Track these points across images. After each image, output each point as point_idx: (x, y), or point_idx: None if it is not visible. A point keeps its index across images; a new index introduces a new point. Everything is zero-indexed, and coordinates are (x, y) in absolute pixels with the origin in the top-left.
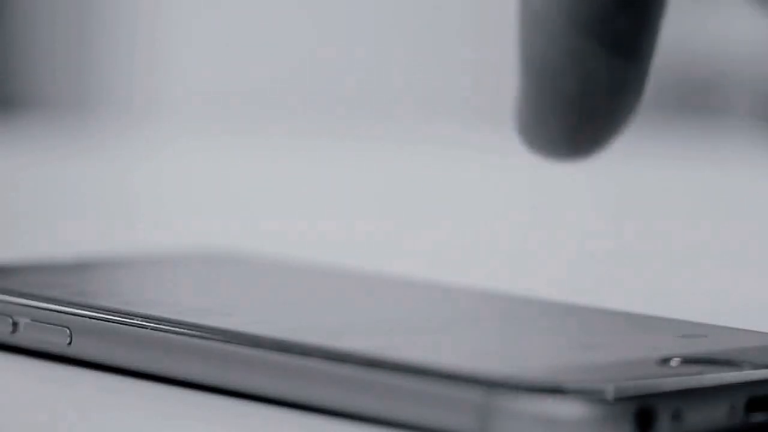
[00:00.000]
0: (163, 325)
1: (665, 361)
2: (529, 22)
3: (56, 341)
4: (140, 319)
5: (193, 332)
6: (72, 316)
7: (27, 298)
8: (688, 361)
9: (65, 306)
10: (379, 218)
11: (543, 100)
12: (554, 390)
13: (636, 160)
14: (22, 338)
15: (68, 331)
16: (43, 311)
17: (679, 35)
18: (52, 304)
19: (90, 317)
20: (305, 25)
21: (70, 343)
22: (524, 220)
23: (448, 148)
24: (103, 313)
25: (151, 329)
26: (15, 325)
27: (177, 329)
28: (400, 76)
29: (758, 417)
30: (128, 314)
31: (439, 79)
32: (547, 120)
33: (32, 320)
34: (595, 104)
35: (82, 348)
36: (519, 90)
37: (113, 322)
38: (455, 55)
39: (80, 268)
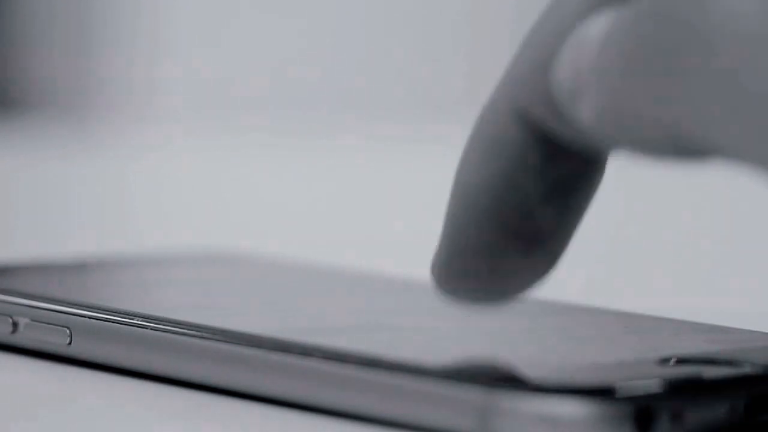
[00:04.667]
0: (163, 325)
1: (665, 361)
2: (457, 195)
3: (56, 341)
4: (140, 319)
5: (193, 332)
6: (72, 316)
7: (27, 298)
8: (688, 361)
9: (65, 306)
10: (380, 218)
11: (453, 265)
12: (554, 390)
13: (636, 160)
14: (22, 338)
15: (68, 331)
16: (43, 311)
17: None
18: (52, 304)
19: (90, 317)
20: (305, 26)
21: (70, 343)
22: None
23: (447, 148)
24: (103, 313)
25: (151, 329)
26: (15, 325)
27: (177, 329)
28: (401, 76)
29: (758, 417)
30: (128, 314)
31: (438, 79)
32: (454, 277)
33: (32, 320)
34: (501, 279)
35: (82, 348)
36: (438, 245)
37: (113, 322)
38: (455, 55)
39: (80, 268)
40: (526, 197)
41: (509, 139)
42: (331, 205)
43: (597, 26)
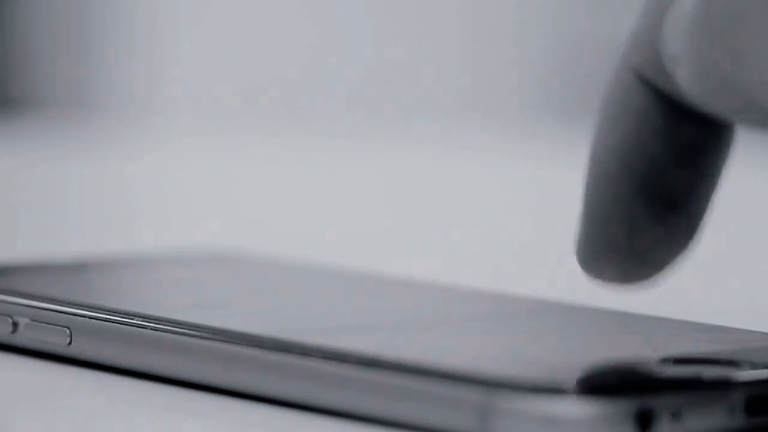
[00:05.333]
0: (163, 325)
1: (665, 361)
2: (592, 170)
3: (56, 341)
4: (140, 319)
5: (193, 332)
6: (72, 316)
7: (27, 298)
8: (688, 361)
9: (65, 306)
10: (380, 218)
11: (595, 242)
12: (554, 390)
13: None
14: (22, 338)
15: (68, 331)
16: (43, 311)
17: None
18: (52, 304)
19: (90, 317)
20: (305, 25)
21: (70, 343)
22: (524, 220)
23: (447, 148)
24: (103, 313)
25: (151, 329)
26: (15, 325)
27: (177, 329)
28: (401, 77)
29: (758, 417)
30: (128, 314)
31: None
32: (599, 261)
33: (32, 320)
34: (643, 252)
35: (82, 348)
36: (579, 224)
37: (113, 322)
38: (455, 55)
39: (80, 268)
40: (656, 160)
41: (634, 102)
42: (331, 205)
43: None
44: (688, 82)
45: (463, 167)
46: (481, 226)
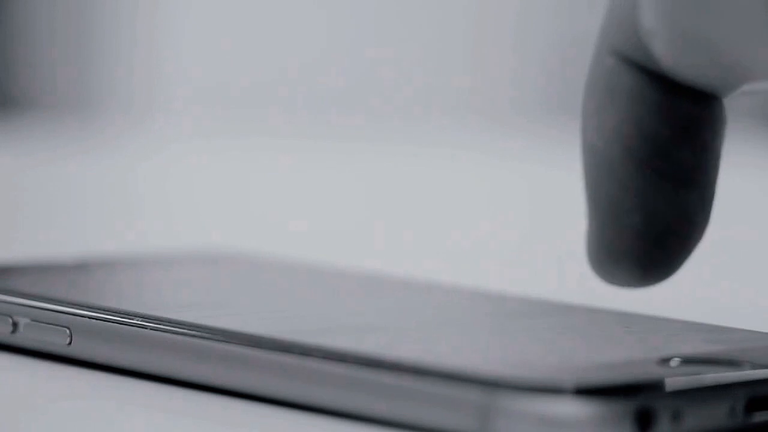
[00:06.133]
0: (163, 325)
1: (665, 361)
2: (590, 159)
3: (56, 341)
4: (140, 319)
5: (193, 332)
6: (72, 316)
7: (27, 298)
8: (688, 361)
9: (65, 306)
10: (380, 218)
11: (610, 237)
12: (554, 390)
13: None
14: (22, 338)
15: (68, 331)
16: (43, 311)
17: None
18: (52, 304)
19: (90, 317)
20: (306, 26)
21: (70, 343)
22: (524, 220)
23: (447, 148)
24: (103, 313)
25: (151, 329)
26: (15, 325)
27: (177, 329)
28: (400, 77)
29: (758, 417)
30: (128, 314)
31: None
32: (617, 255)
33: (32, 320)
34: (661, 236)
35: (82, 348)
36: (587, 226)
37: (113, 322)
38: (454, 55)
39: (80, 268)
40: (656, 137)
41: (623, 84)
42: (331, 205)
43: None
44: (664, 53)
45: (463, 167)
46: (481, 226)
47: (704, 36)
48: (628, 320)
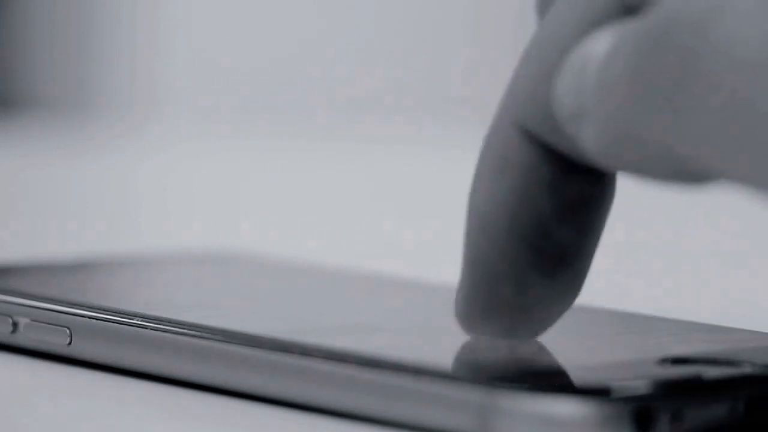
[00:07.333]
0: (163, 325)
1: (665, 361)
2: (475, 220)
3: (56, 341)
4: (140, 319)
5: (193, 332)
6: (72, 316)
7: (27, 298)
8: (688, 361)
9: (65, 306)
10: (379, 219)
11: (479, 298)
12: (554, 390)
13: (638, 181)
14: (22, 338)
15: (68, 331)
16: (43, 311)
17: None
18: (52, 304)
19: (90, 317)
20: (306, 27)
21: (70, 343)
22: None
23: (447, 148)
24: (103, 313)
25: (151, 329)
26: (15, 325)
27: (177, 329)
28: (400, 77)
29: (758, 417)
30: (128, 314)
31: (437, 79)
32: (483, 315)
33: (32, 320)
34: (529, 307)
35: (82, 348)
36: (460, 281)
37: (113, 322)
38: (453, 55)
39: (80, 268)
40: (542, 214)
41: (517, 156)
42: (331, 205)
43: (598, 45)
44: (593, 139)
45: (463, 167)
46: None
47: (652, 133)
48: (628, 320)
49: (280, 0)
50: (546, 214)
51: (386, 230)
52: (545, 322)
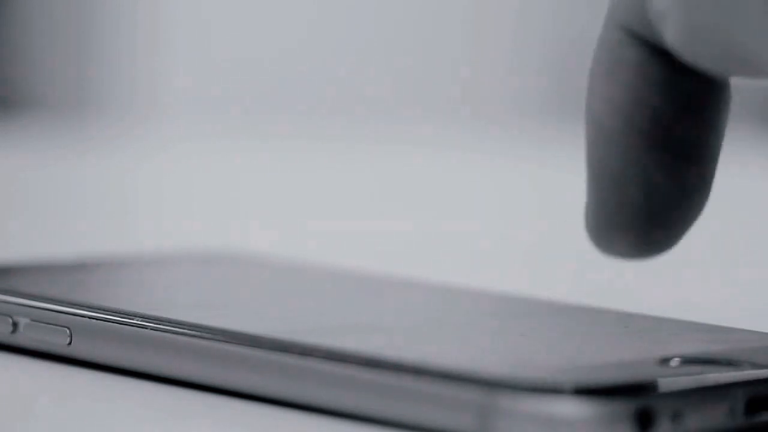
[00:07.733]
0: (163, 325)
1: (665, 361)
2: (593, 131)
3: (56, 341)
4: (140, 319)
5: (193, 332)
6: (72, 316)
7: (27, 298)
8: (688, 361)
9: (65, 306)
10: (379, 219)
11: (609, 209)
12: (554, 390)
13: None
14: (22, 338)
15: (68, 331)
16: (43, 311)
17: None
18: (52, 304)
19: (90, 317)
20: (306, 28)
21: (70, 343)
22: (523, 220)
23: (447, 148)
24: (103, 313)
25: (151, 329)
26: (15, 325)
27: (177, 329)
28: (400, 78)
29: (758, 417)
30: (128, 314)
31: (436, 80)
32: (616, 227)
33: (32, 320)
34: (660, 210)
35: (82, 348)
36: (587, 197)
37: (113, 322)
38: (453, 55)
39: (80, 268)
40: (659, 113)
41: (627, 57)
42: (331, 205)
43: None
44: (675, 39)
45: (463, 167)
46: (481, 226)
47: (719, 29)
48: (628, 320)
49: (281, 0)
50: (662, 111)
51: (386, 230)
52: (677, 228)
